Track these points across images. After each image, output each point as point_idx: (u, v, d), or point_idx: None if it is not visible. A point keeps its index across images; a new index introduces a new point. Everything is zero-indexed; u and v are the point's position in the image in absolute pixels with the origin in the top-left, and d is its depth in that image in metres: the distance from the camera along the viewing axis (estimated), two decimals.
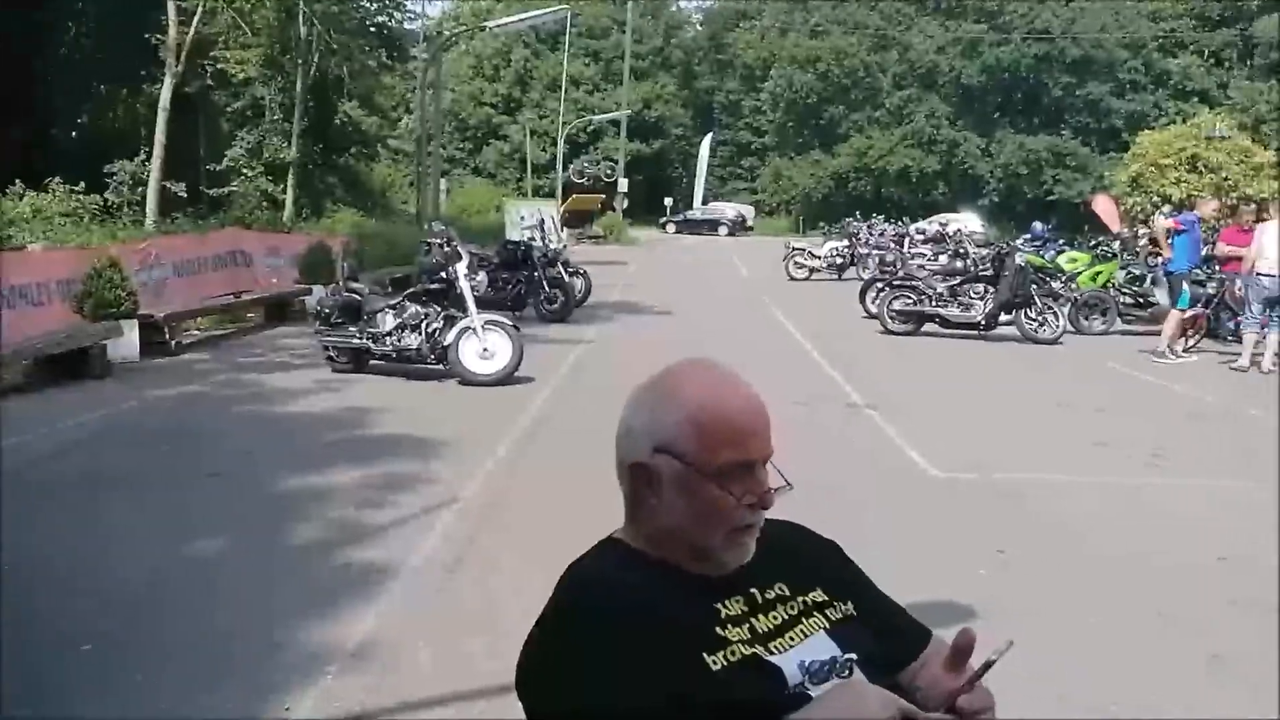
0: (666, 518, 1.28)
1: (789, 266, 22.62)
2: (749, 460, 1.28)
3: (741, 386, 1.32)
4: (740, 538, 1.29)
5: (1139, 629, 3.99)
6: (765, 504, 1.29)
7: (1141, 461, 6.73)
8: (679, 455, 1.26)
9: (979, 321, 12.82)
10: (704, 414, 1.26)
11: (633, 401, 1.33)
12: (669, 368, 1.34)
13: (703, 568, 1.30)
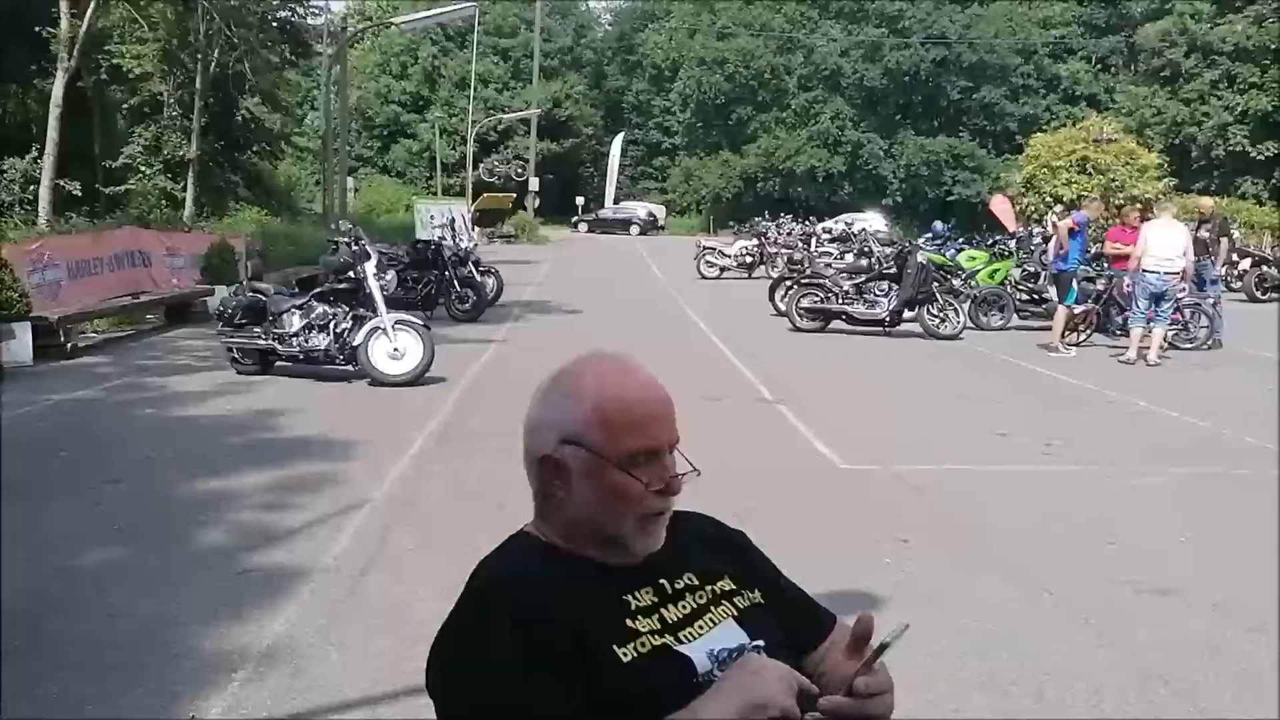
0: (576, 508, 1.30)
1: (700, 265, 22.83)
2: (655, 447, 1.29)
3: (644, 375, 1.33)
4: (650, 525, 1.30)
5: (1032, 610, 4.16)
6: (673, 489, 1.31)
7: (1036, 450, 7.00)
8: (586, 445, 1.27)
9: (884, 318, 13.13)
10: (608, 403, 1.28)
11: (538, 396, 1.34)
12: (573, 361, 1.36)
13: (613, 558, 1.30)
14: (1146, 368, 10.80)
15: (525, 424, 1.34)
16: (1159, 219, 11.42)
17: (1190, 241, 11.39)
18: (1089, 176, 22.87)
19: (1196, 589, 4.38)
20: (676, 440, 1.33)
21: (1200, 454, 7.03)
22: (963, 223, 31.02)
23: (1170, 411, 8.44)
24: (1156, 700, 3.37)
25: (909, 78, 46.88)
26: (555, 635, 1.20)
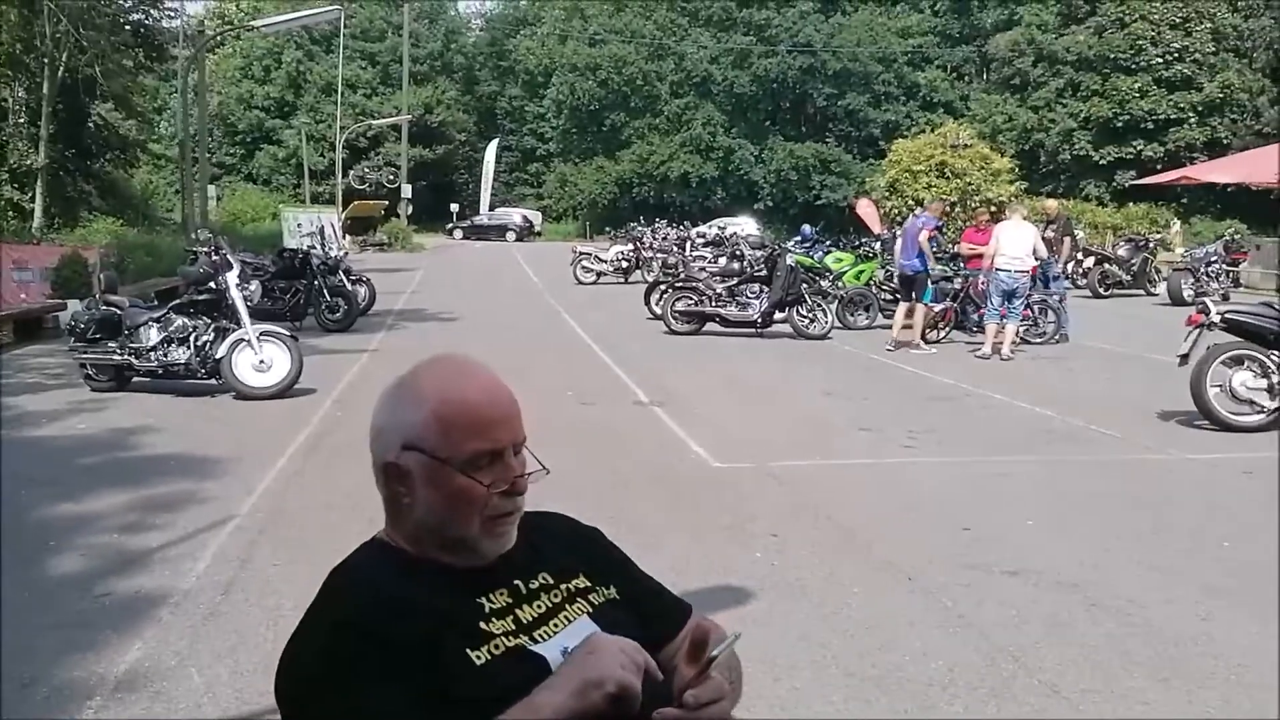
0: (422, 514, 1.29)
1: (576, 270, 22.90)
2: (497, 448, 1.29)
3: (483, 376, 1.34)
4: (497, 526, 1.31)
5: (894, 596, 4.34)
6: (518, 490, 1.31)
7: (899, 443, 7.28)
8: (426, 450, 1.28)
9: (756, 320, 13.42)
10: (446, 407, 1.28)
11: (380, 403, 1.34)
12: (413, 366, 1.35)
13: (463, 560, 1.31)
14: (1001, 362, 11.34)
15: (370, 432, 1.34)
16: (1010, 220, 12.04)
17: (1039, 241, 12.03)
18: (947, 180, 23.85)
19: (1043, 570, 4.63)
20: (522, 440, 1.33)
21: (1048, 442, 7.43)
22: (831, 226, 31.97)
23: (1021, 403, 8.88)
24: (1005, 674, 3.56)
25: (777, 85, 47.97)
26: (403, 641, 1.20)
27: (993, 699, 3.38)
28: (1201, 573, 4.65)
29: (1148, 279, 20.43)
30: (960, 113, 41.37)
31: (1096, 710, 3.32)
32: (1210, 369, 7.67)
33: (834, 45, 46.06)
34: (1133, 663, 3.67)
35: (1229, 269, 19.96)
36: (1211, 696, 3.42)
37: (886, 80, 46.89)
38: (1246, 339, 7.88)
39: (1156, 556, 4.90)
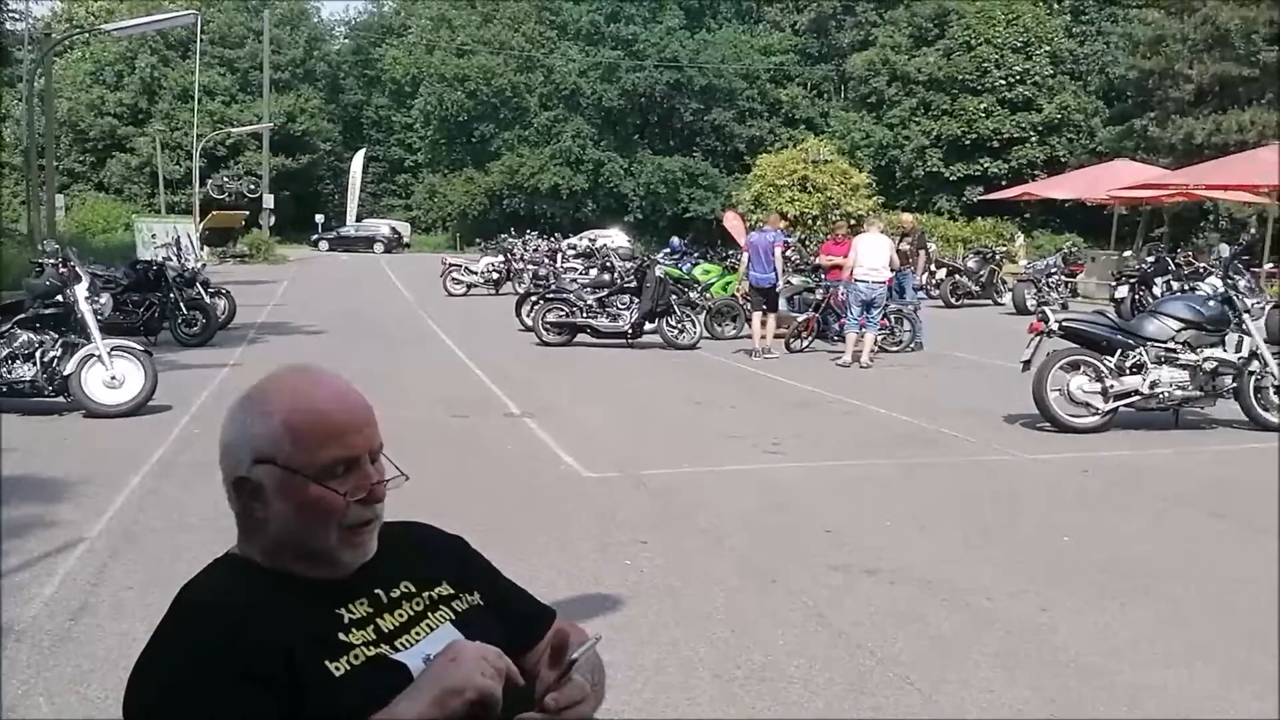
0: (277, 527, 1.27)
1: (446, 282, 22.66)
2: (352, 455, 1.28)
3: (335, 384, 1.32)
4: (356, 536, 1.29)
5: (759, 597, 4.47)
6: (376, 497, 1.30)
7: (763, 449, 7.49)
8: (278, 462, 1.25)
9: (626, 330, 13.56)
10: (297, 416, 1.26)
11: (228, 417, 1.32)
12: (261, 378, 1.33)
13: (322, 571, 1.29)
14: (860, 369, 11.76)
15: (219, 448, 1.31)
16: (867, 233, 12.54)
17: (894, 253, 12.58)
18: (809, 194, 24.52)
19: (899, 567, 4.85)
20: (379, 447, 1.32)
21: (906, 446, 7.75)
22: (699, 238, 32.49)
23: (880, 409, 9.25)
24: (863, 668, 3.73)
25: (645, 99, 48.50)
26: (257, 657, 1.17)
27: (851, 693, 3.53)
28: (1043, 566, 4.95)
29: (995, 290, 21.56)
30: (821, 129, 42.70)
31: (947, 700, 3.50)
32: (1050, 374, 8.15)
33: (699, 61, 46.89)
34: (980, 653, 3.88)
35: (1067, 280, 21.23)
36: (1051, 683, 3.64)
37: (750, 96, 47.99)
38: (1082, 345, 8.41)
39: (1003, 552, 5.19)
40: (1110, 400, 8.15)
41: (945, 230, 34.15)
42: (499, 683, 1.17)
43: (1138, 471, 7.10)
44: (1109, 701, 3.51)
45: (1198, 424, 8.56)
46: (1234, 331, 8.36)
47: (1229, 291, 8.70)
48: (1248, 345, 8.30)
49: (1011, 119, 39.33)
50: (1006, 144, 39.58)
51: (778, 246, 12.92)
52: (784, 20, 50.19)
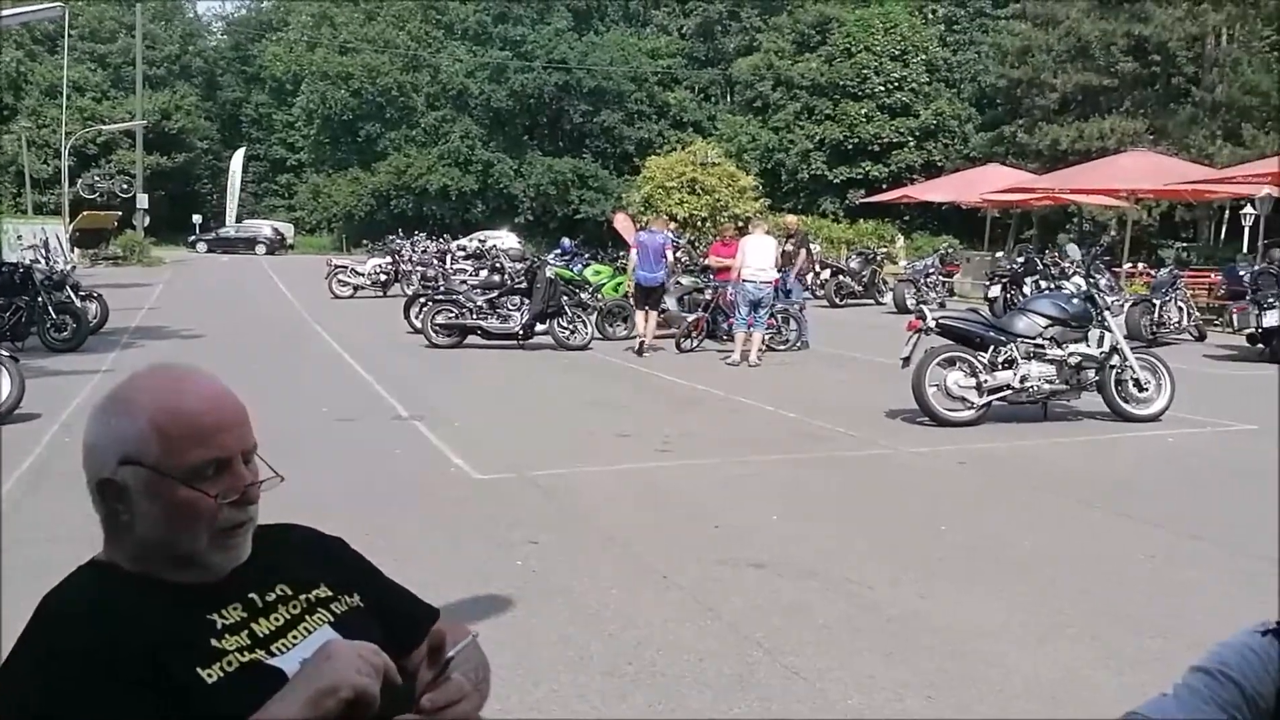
0: (144, 531, 1.23)
1: (332, 284, 22.21)
2: (224, 456, 1.24)
3: (205, 383, 1.28)
4: (228, 539, 1.26)
5: (649, 594, 4.52)
6: (249, 499, 1.26)
7: (654, 448, 7.57)
8: (145, 463, 1.21)
9: (517, 332, 13.50)
10: (164, 416, 1.22)
11: (91, 417, 1.27)
12: (127, 377, 1.29)
13: (192, 576, 1.25)
14: (749, 368, 11.97)
15: (83, 449, 1.26)
16: (754, 235, 12.78)
17: (780, 254, 12.89)
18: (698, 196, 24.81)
19: (786, 560, 4.97)
20: (253, 447, 1.29)
21: (792, 442, 7.93)
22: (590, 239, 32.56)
23: (768, 406, 9.43)
24: (751, 660, 3.81)
25: (534, 100, 48.33)
26: (126, 666, 1.13)
27: (739, 685, 3.60)
28: (922, 555, 5.13)
29: (877, 289, 22.22)
30: (708, 132, 43.23)
31: (832, 687, 3.61)
32: (928, 370, 8.44)
33: (588, 63, 46.98)
34: (862, 641, 4.01)
35: (944, 280, 22.03)
36: (929, 666, 3.78)
37: (639, 99, 48.30)
38: (958, 342, 8.74)
39: (884, 542, 5.37)
40: (984, 395, 8.49)
41: (829, 232, 34.99)
42: (376, 681, 1.15)
43: (1010, 462, 7.43)
44: (982, 681, 3.66)
45: (1064, 416, 8.98)
46: (1096, 328, 8.80)
47: (1091, 290, 9.16)
48: (1109, 340, 8.75)
49: (891, 124, 40.54)
50: (886, 148, 40.77)
51: (667, 249, 13.23)
52: (671, 24, 50.71)
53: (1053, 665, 3.82)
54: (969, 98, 41.65)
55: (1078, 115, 33.74)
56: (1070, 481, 6.83)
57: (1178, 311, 15.60)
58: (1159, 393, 8.76)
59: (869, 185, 38.95)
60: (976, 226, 32.03)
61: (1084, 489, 6.60)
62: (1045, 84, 34.26)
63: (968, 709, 3.46)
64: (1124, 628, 4.16)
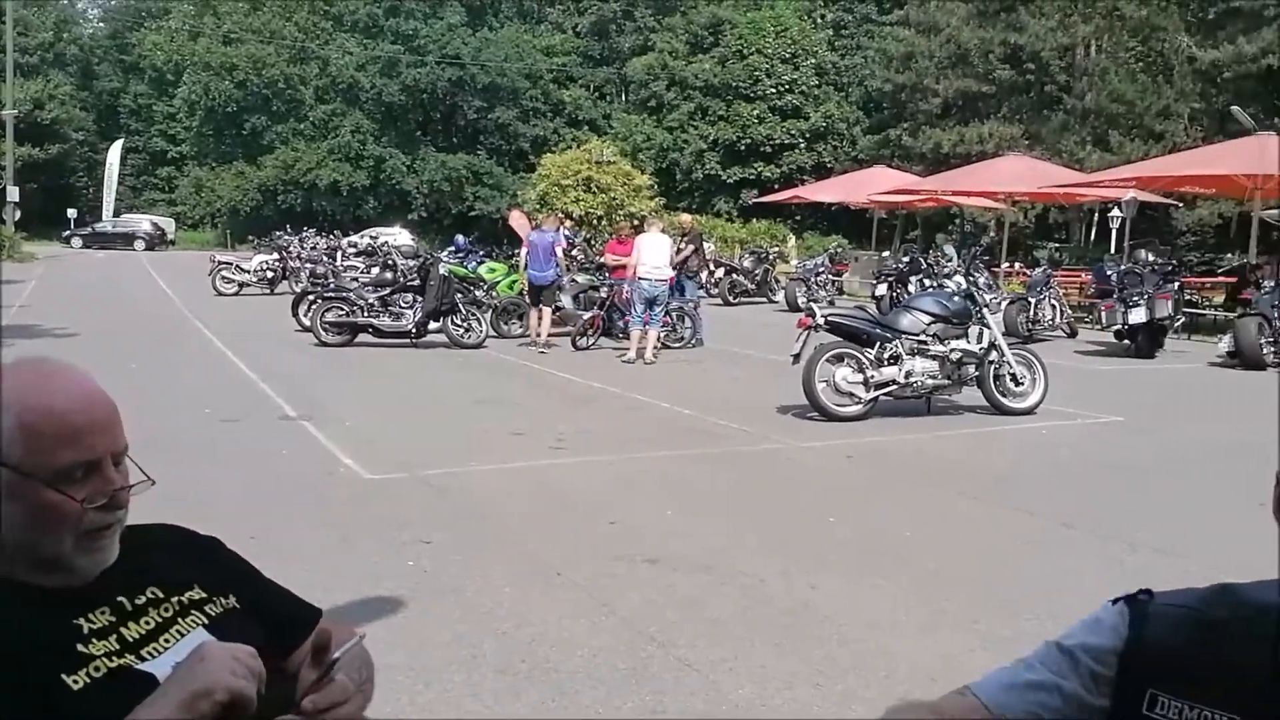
0: (4, 534, 1.18)
1: (216, 281, 21.52)
2: (93, 458, 1.20)
3: (76, 380, 1.24)
4: (94, 542, 1.21)
5: (544, 592, 4.52)
6: (117, 504, 1.22)
7: (549, 445, 7.56)
8: (9, 463, 1.17)
9: (410, 330, 13.30)
10: (30, 414, 1.17)
11: None
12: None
13: (57, 580, 1.21)
14: (645, 365, 12.05)
15: None
16: (648, 233, 12.90)
17: (674, 252, 13.03)
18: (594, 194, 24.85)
19: (680, 555, 5.02)
20: (123, 449, 1.25)
21: (687, 438, 8.02)
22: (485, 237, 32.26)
23: (663, 403, 9.51)
24: (644, 654, 3.84)
25: (427, 95, 47.63)
26: None
27: (633, 679, 3.63)
28: (812, 547, 5.26)
29: (769, 288, 22.62)
30: (604, 130, 43.28)
31: (724, 678, 3.67)
32: (817, 366, 8.64)
33: (482, 59, 46.52)
34: (754, 632, 4.08)
35: (834, 278, 22.55)
36: (819, 656, 3.88)
37: (534, 96, 48.06)
38: (846, 339, 8.97)
39: (775, 535, 5.47)
40: (871, 390, 8.72)
41: (723, 231, 35.43)
42: (253, 683, 1.12)
43: (895, 455, 7.65)
44: (867, 669, 3.77)
45: (946, 410, 9.29)
46: (976, 325, 9.13)
47: (970, 288, 9.50)
48: (987, 337, 9.09)
49: (782, 126, 41.22)
50: (778, 149, 41.44)
51: (557, 247, 13.38)
52: (565, 22, 50.60)
53: (934, 651, 3.96)
54: (857, 101, 42.65)
55: (959, 120, 34.88)
56: (951, 473, 7.07)
57: (1051, 309, 16.30)
58: (1034, 387, 9.14)
59: (761, 185, 39.53)
60: (864, 227, 32.86)
61: (964, 480, 6.84)
62: (928, 89, 35.33)
63: (853, 695, 3.56)
64: (1002, 613, 4.33)
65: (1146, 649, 1.06)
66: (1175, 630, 1.06)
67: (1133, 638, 1.07)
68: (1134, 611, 1.09)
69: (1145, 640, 1.07)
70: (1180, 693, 1.03)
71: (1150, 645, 1.06)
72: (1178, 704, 1.02)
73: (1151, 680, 1.05)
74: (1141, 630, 1.07)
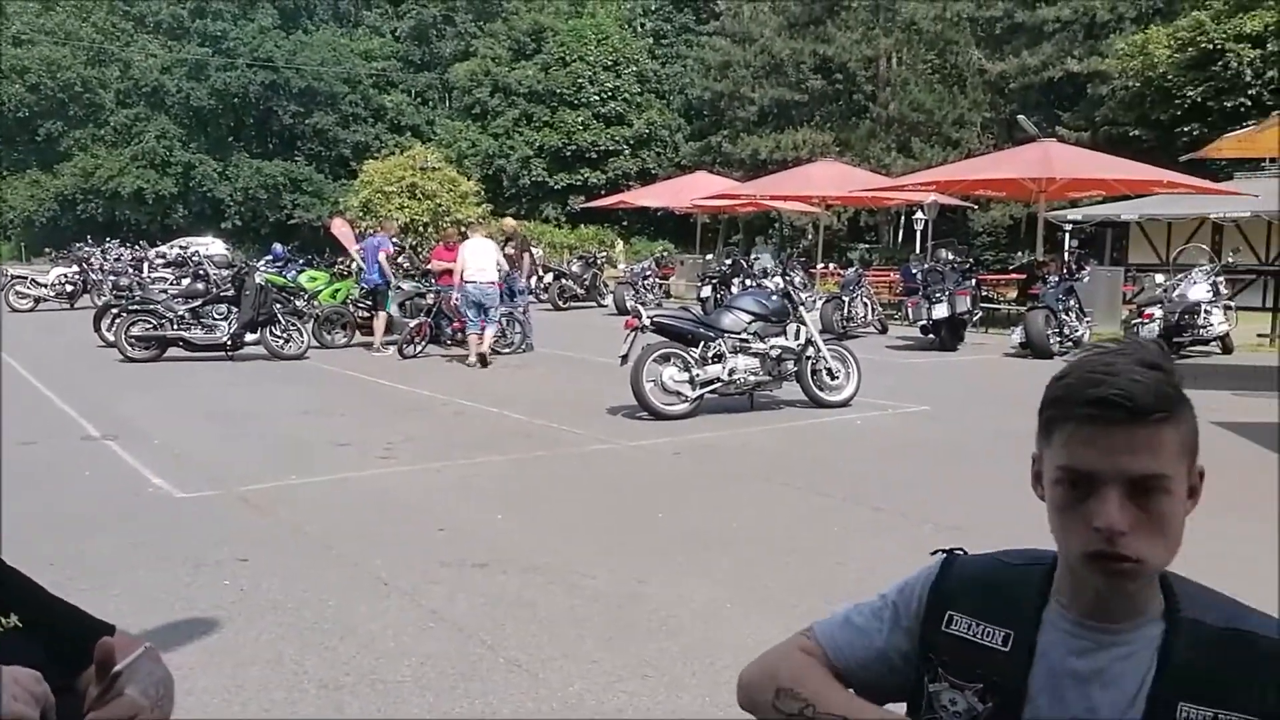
0: None
1: (8, 297, 20.16)
2: None
3: None
4: None
5: (370, 602, 4.42)
6: None
7: (376, 455, 7.40)
8: None
9: (225, 342, 12.76)
10: None
11: None
12: None
13: None
14: (476, 371, 11.97)
15: None
16: (474, 239, 12.87)
17: (501, 256, 13.03)
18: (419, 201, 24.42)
19: (511, 558, 5.02)
20: None
21: (516, 443, 8.00)
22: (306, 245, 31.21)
23: (493, 408, 9.46)
24: (474, 658, 3.82)
25: (239, 100, 45.70)
26: None
27: (461, 683, 3.61)
28: (641, 542, 5.35)
29: (598, 292, 22.85)
30: (428, 136, 42.66)
31: (554, 676, 3.69)
32: (645, 367, 8.79)
33: (297, 63, 44.98)
34: (582, 629, 4.13)
35: (661, 281, 23.00)
36: (648, 648, 3.96)
37: (353, 101, 46.84)
38: (672, 339, 9.16)
39: (605, 533, 5.55)
40: (697, 388, 8.95)
41: (552, 237, 35.51)
42: (34, 708, 1.07)
43: (720, 450, 7.87)
44: (694, 658, 3.87)
45: (768, 405, 9.63)
46: (794, 322, 9.50)
47: (788, 288, 9.88)
48: (804, 334, 9.47)
49: (606, 132, 41.62)
50: (603, 156, 41.82)
51: (382, 251, 13.53)
52: (384, 26, 49.56)
53: (757, 635, 4.09)
54: (678, 108, 43.51)
55: (774, 127, 36.12)
56: (773, 465, 7.33)
57: (863, 307, 17.13)
58: (849, 381, 9.59)
59: (588, 191, 39.81)
60: (689, 231, 33.58)
61: (784, 471, 7.11)
62: (745, 97, 36.44)
63: (681, 684, 3.65)
64: (820, 594, 4.53)
65: (949, 582, 1.31)
66: (973, 569, 1.31)
67: (940, 575, 1.32)
68: (946, 558, 1.34)
69: (949, 577, 1.31)
70: (970, 611, 1.27)
71: (952, 580, 1.31)
72: (967, 620, 1.27)
73: (950, 604, 1.29)
74: (948, 571, 1.32)
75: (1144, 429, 1.11)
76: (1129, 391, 1.10)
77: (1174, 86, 25.65)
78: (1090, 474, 1.12)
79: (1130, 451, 1.11)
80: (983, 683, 1.23)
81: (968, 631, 1.26)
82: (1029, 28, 31.30)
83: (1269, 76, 24.41)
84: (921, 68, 33.60)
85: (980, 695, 1.23)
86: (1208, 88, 25.12)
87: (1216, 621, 1.16)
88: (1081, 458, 1.12)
